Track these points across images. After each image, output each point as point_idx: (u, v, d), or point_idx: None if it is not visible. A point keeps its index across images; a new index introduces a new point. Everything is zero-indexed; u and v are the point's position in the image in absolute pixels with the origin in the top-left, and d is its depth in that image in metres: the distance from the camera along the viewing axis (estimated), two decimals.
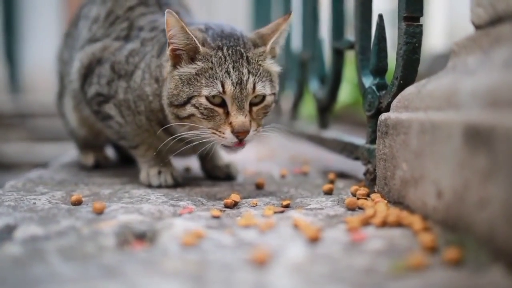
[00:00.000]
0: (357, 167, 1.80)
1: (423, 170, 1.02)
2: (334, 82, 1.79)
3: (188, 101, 1.28)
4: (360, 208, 1.19)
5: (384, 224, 1.02)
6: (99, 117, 1.57)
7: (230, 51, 1.28)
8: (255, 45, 1.34)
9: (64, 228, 0.98)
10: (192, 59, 1.29)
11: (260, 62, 1.31)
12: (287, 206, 1.24)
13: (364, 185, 1.41)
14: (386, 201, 1.19)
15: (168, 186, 1.48)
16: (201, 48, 1.27)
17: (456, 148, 0.89)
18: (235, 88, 1.25)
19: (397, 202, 1.15)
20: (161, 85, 1.38)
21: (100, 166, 1.83)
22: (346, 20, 1.77)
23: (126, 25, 1.55)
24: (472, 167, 0.84)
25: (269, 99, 1.32)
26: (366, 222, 1.04)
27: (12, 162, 4.31)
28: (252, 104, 1.29)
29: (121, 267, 0.79)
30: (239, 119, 1.25)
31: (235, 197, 1.26)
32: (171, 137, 1.38)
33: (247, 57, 1.29)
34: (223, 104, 1.27)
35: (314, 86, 1.98)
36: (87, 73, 1.55)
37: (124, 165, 1.89)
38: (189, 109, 1.28)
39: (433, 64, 2.83)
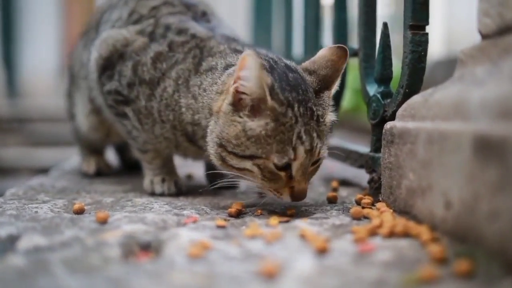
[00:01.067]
0: (361, 175, 1.80)
1: (430, 180, 1.01)
2: (337, 90, 1.78)
3: (250, 157, 1.15)
4: (366, 218, 1.18)
5: (391, 234, 1.01)
6: (112, 111, 1.50)
7: (301, 110, 1.14)
8: (318, 91, 1.22)
9: (68, 239, 0.97)
10: (257, 110, 1.14)
11: (325, 118, 1.20)
12: (291, 215, 1.22)
13: (368, 194, 1.40)
14: (392, 211, 1.18)
15: (171, 195, 1.47)
16: (269, 102, 1.13)
17: (465, 159, 0.89)
18: (306, 156, 1.14)
19: (403, 211, 1.14)
20: (200, 105, 1.30)
21: (102, 174, 1.79)
22: (348, 28, 1.76)
23: (152, 22, 1.46)
24: (483, 179, 0.83)
25: (324, 157, 1.23)
26: (373, 232, 1.03)
27: (10, 167, 4.29)
28: None
29: (128, 279, 0.78)
30: (301, 186, 1.16)
31: (238, 205, 1.25)
32: (196, 148, 1.39)
33: (317, 116, 1.17)
34: (287, 167, 1.15)
35: None
36: (107, 65, 1.46)
37: (126, 173, 1.88)
38: (249, 166, 1.16)
39: (433, 71, 2.83)
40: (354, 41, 1.65)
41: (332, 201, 1.38)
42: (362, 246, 0.93)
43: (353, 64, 1.60)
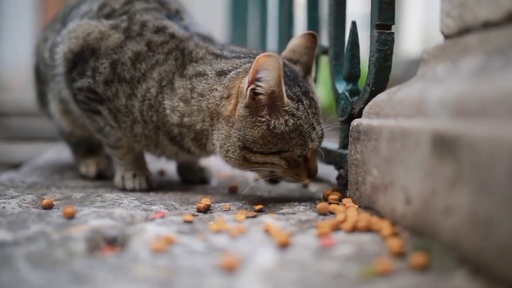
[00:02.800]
0: (331, 172, 1.83)
1: (392, 177, 1.04)
2: None
3: (277, 153, 1.26)
4: (332, 213, 1.21)
5: (354, 229, 1.03)
6: (82, 106, 1.46)
7: (307, 102, 1.28)
8: (302, 77, 1.35)
9: (33, 234, 0.97)
10: (273, 109, 1.23)
11: (318, 100, 1.35)
12: (259, 211, 1.24)
13: (337, 190, 1.42)
14: (357, 206, 1.21)
15: (142, 190, 1.47)
16: (285, 100, 1.23)
17: (424, 156, 0.91)
18: (319, 142, 1.32)
19: (368, 207, 1.17)
20: (193, 108, 1.33)
21: (104, 177, 1.67)
22: (320, 26, 1.79)
23: (126, 18, 1.43)
24: (439, 175, 0.86)
25: None
26: (336, 227, 1.05)
27: None
28: None
29: (91, 273, 0.79)
30: (315, 165, 1.33)
31: (207, 201, 1.26)
32: (177, 147, 1.42)
33: (316, 102, 1.32)
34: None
35: None
36: (78, 60, 1.42)
37: None
38: (276, 160, 1.27)
39: (408, 70, 2.88)
40: (325, 39, 1.68)
41: (232, 191, 1.50)
42: (324, 240, 0.95)
43: (327, 62, 1.63)
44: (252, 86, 1.21)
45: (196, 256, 0.87)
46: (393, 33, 1.28)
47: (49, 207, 1.22)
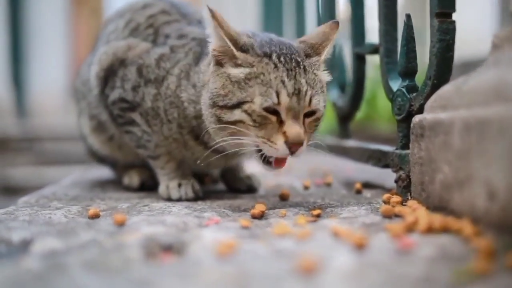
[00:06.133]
0: (383, 176, 1.73)
1: (469, 171, 0.95)
2: (356, 88, 1.73)
3: (238, 105, 1.17)
4: (397, 216, 1.12)
5: (429, 230, 0.94)
6: (119, 121, 1.48)
7: (282, 59, 1.18)
8: (307, 55, 1.24)
9: (85, 241, 0.91)
10: (234, 62, 1.20)
11: (315, 72, 1.22)
12: (318, 216, 1.16)
13: (396, 193, 1.33)
14: (424, 208, 1.12)
15: (188, 200, 1.41)
16: (236, 53, 1.19)
17: (510, 144, 0.82)
18: (291, 98, 1.15)
19: (438, 207, 1.07)
20: (198, 90, 1.31)
21: (147, 187, 1.61)
22: (366, 24, 1.71)
23: (152, 31, 1.47)
24: None
25: (321, 111, 1.22)
26: (409, 229, 0.96)
27: (20, 187, 4.25)
28: (304, 116, 1.19)
29: (153, 280, 0.72)
30: (294, 129, 1.14)
31: (261, 207, 1.19)
32: (202, 147, 1.35)
33: (304, 66, 1.19)
34: (277, 112, 1.15)
35: (333, 94, 1.92)
36: (108, 75, 1.46)
37: None
38: (238, 115, 1.17)
39: None
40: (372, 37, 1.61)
41: (283, 198, 1.40)
42: (401, 242, 0.86)
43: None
44: (212, 45, 1.22)
45: (264, 260, 0.79)
46: (454, 21, 1.19)
47: (95, 217, 1.16)
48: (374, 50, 1.55)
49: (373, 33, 1.57)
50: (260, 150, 1.19)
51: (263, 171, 1.31)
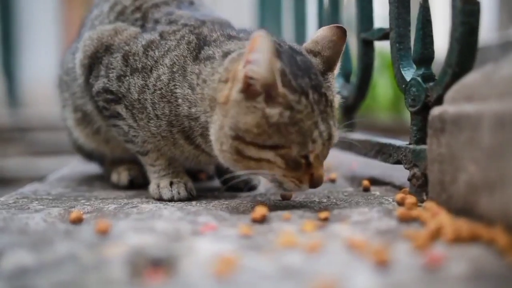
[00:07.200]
0: (390, 171, 1.62)
1: (502, 172, 0.83)
2: (363, 77, 1.60)
3: (273, 148, 1.06)
4: (414, 220, 1.00)
5: (456, 239, 0.82)
6: (104, 114, 1.35)
7: (315, 96, 1.07)
8: (323, 72, 1.14)
9: (61, 256, 0.78)
10: (270, 97, 1.05)
11: (335, 99, 1.13)
12: (325, 219, 1.04)
13: (409, 192, 1.21)
14: (445, 211, 1.00)
15: (181, 200, 1.28)
16: (280, 89, 1.04)
17: None
18: (324, 146, 1.09)
19: (462, 211, 0.95)
20: (199, 97, 1.17)
21: (136, 185, 1.50)
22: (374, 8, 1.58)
23: (139, 15, 1.35)
24: None
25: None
26: (433, 238, 0.84)
27: (11, 177, 4.14)
28: None
29: None
30: (320, 172, 1.10)
31: (262, 210, 1.06)
32: (193, 147, 1.25)
33: (331, 102, 1.11)
34: (306, 156, 1.08)
35: (338, 83, 1.78)
36: (93, 63, 1.33)
37: None
38: (270, 157, 1.07)
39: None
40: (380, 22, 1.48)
41: (285, 198, 1.28)
42: (428, 256, 0.74)
43: None
44: (245, 69, 1.05)
45: (271, 282, 0.67)
46: (479, 2, 1.06)
47: (78, 221, 1.04)
48: (384, 35, 1.43)
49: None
50: (276, 179, 1.11)
51: None
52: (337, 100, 1.15)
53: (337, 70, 1.19)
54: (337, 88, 1.18)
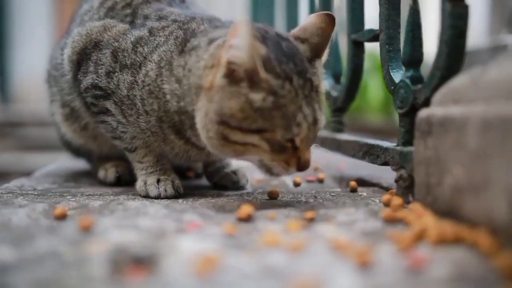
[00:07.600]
0: (378, 172, 1.62)
1: (487, 175, 0.83)
2: (352, 78, 1.60)
3: (257, 131, 1.07)
4: (399, 221, 1.00)
5: (440, 241, 0.83)
6: (92, 110, 1.34)
7: (300, 82, 1.08)
8: (310, 59, 1.15)
9: (42, 252, 0.78)
10: (253, 82, 1.05)
11: (321, 85, 1.14)
12: (311, 219, 1.04)
13: (396, 194, 1.21)
14: (430, 213, 1.00)
15: (168, 197, 1.28)
16: (262, 75, 1.05)
17: None
18: (309, 130, 1.10)
19: (447, 213, 0.95)
20: (185, 88, 1.17)
21: (123, 182, 1.49)
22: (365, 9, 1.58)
23: (129, 11, 1.35)
24: None
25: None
26: (417, 239, 0.84)
27: (2, 172, 4.11)
28: None
29: None
30: (306, 156, 1.12)
31: (248, 209, 1.06)
32: (183, 141, 1.24)
33: (316, 87, 1.11)
34: (292, 139, 1.09)
35: (327, 83, 1.79)
36: (81, 59, 1.32)
37: None
38: (256, 141, 1.08)
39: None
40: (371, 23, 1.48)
41: (272, 197, 1.29)
42: (411, 258, 0.74)
43: None
44: (228, 55, 1.05)
45: (252, 281, 0.67)
46: (468, 6, 1.06)
47: (62, 217, 1.03)
48: (374, 37, 1.43)
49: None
50: (263, 163, 1.12)
51: (250, 165, 1.20)
52: (323, 86, 1.16)
53: (325, 56, 1.20)
54: (323, 75, 1.18)
